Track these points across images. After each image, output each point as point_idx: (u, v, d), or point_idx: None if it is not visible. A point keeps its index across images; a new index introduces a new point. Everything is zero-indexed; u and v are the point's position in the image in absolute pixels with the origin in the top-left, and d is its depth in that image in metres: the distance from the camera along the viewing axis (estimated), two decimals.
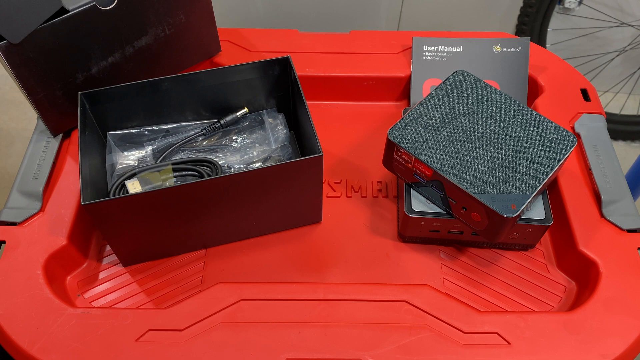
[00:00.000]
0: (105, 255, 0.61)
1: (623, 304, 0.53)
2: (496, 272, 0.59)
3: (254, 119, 0.66)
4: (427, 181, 0.56)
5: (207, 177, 0.52)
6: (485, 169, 0.54)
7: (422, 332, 0.52)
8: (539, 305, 0.57)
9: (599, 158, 0.64)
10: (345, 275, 0.58)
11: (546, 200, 0.58)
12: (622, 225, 0.58)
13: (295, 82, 0.60)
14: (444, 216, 0.57)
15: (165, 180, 0.57)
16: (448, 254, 0.61)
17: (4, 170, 1.50)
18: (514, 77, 0.72)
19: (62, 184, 0.62)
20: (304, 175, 0.55)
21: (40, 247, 0.56)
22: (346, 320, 0.53)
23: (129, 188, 0.57)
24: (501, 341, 0.51)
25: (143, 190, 0.55)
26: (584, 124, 0.68)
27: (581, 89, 0.72)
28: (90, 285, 0.58)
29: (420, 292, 0.55)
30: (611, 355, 0.50)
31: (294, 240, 0.61)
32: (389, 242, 0.61)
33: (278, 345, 0.51)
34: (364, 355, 0.50)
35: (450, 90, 0.61)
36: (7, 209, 0.59)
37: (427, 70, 0.74)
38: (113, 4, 0.60)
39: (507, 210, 0.51)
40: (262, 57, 0.75)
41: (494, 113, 0.59)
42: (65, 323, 0.51)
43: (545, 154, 0.55)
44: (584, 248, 0.57)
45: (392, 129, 0.57)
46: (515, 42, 0.73)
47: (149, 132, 0.64)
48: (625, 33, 1.54)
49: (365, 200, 0.65)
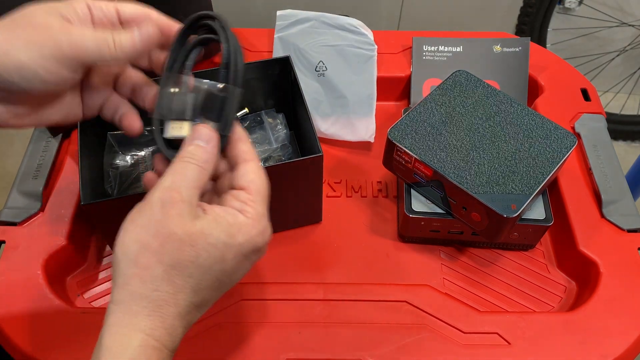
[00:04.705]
0: (105, 255, 0.61)
1: (623, 304, 0.53)
2: (496, 272, 0.59)
3: (254, 119, 0.66)
4: (427, 181, 0.56)
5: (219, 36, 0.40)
6: (485, 169, 0.54)
7: (422, 332, 0.52)
8: (539, 305, 0.57)
9: (599, 158, 0.64)
10: (345, 275, 0.58)
11: (546, 200, 0.58)
12: (622, 225, 0.58)
13: (295, 82, 0.60)
14: (444, 216, 0.57)
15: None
16: (448, 254, 0.61)
17: (4, 170, 1.50)
18: (514, 77, 0.72)
19: (62, 184, 0.62)
20: (304, 175, 0.55)
21: (40, 247, 0.56)
22: (346, 320, 0.53)
23: (175, 133, 0.41)
24: (501, 341, 0.51)
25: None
26: (584, 124, 0.68)
27: (581, 88, 0.72)
28: (90, 286, 0.58)
29: (420, 292, 0.55)
30: (611, 355, 0.50)
31: (294, 240, 0.61)
32: (389, 242, 0.61)
33: (278, 345, 0.51)
34: (364, 355, 0.50)
35: (450, 90, 0.61)
36: (7, 209, 0.59)
37: (427, 70, 0.74)
38: None
39: (507, 210, 0.51)
40: (262, 57, 0.75)
41: (494, 113, 0.58)
42: (65, 323, 0.51)
43: (545, 154, 0.55)
44: (584, 248, 0.57)
45: (392, 129, 0.57)
46: (516, 42, 0.73)
47: (148, 133, 0.64)
48: (625, 33, 1.54)
49: (365, 200, 0.65)
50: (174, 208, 0.34)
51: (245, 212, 0.36)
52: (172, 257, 0.34)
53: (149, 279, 0.33)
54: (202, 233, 0.34)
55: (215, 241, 0.35)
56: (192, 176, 0.36)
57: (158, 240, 0.34)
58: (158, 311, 0.33)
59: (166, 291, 0.34)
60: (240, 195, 0.37)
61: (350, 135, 0.69)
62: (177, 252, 0.34)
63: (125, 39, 0.39)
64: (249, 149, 0.40)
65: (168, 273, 0.34)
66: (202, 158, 0.37)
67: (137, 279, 0.33)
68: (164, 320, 0.34)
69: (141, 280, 0.33)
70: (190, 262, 0.34)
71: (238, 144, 0.40)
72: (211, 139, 0.38)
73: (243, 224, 0.36)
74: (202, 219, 0.35)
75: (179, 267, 0.34)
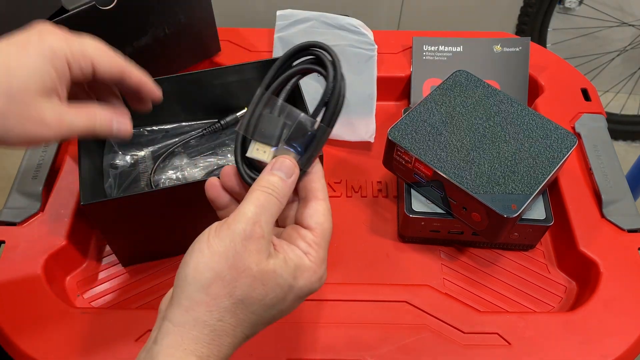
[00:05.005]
0: (105, 255, 0.61)
1: (623, 304, 0.53)
2: (496, 273, 0.59)
3: None
4: (427, 181, 0.56)
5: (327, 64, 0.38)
6: (485, 169, 0.54)
7: (422, 333, 0.52)
8: (539, 305, 0.57)
9: (600, 158, 0.64)
10: (345, 275, 0.58)
11: (546, 200, 0.58)
12: (622, 225, 0.58)
13: None
14: (444, 216, 0.57)
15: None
16: (448, 254, 0.61)
17: (4, 170, 1.50)
18: (514, 77, 0.72)
19: (62, 184, 0.62)
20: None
21: (39, 247, 0.56)
22: (346, 320, 0.53)
23: (258, 156, 0.39)
24: (501, 341, 0.51)
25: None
26: (584, 124, 0.68)
27: (581, 88, 0.72)
28: (90, 286, 0.58)
29: (421, 292, 0.55)
30: (611, 355, 0.50)
31: None
32: (389, 242, 0.61)
33: (278, 345, 0.51)
34: (364, 355, 0.50)
35: (451, 90, 0.61)
36: (7, 209, 0.59)
37: (427, 70, 0.74)
38: (113, 3, 0.60)
39: (507, 210, 0.51)
40: (262, 57, 0.75)
41: (494, 113, 0.58)
42: (65, 323, 0.51)
43: (545, 154, 0.55)
44: (585, 248, 0.57)
45: (392, 129, 0.57)
46: (516, 41, 0.73)
47: (148, 133, 0.64)
48: (625, 33, 1.54)
49: (365, 200, 0.65)
50: (255, 243, 0.34)
51: (310, 255, 0.36)
52: (243, 292, 0.34)
53: (215, 309, 0.33)
54: (274, 272, 0.34)
55: (283, 282, 0.35)
56: (273, 211, 0.36)
57: (233, 273, 0.34)
58: (217, 340, 0.34)
59: (229, 323, 0.34)
60: (307, 236, 0.37)
61: (350, 135, 0.69)
62: (249, 289, 0.34)
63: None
64: (322, 188, 0.39)
65: (235, 306, 0.34)
66: (282, 192, 0.37)
67: (204, 307, 0.33)
68: (220, 350, 0.34)
69: (208, 309, 0.33)
70: (258, 300, 0.34)
71: (314, 180, 0.39)
72: (293, 174, 0.37)
73: (306, 268, 0.36)
74: (274, 257, 0.35)
75: (247, 302, 0.34)
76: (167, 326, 0.34)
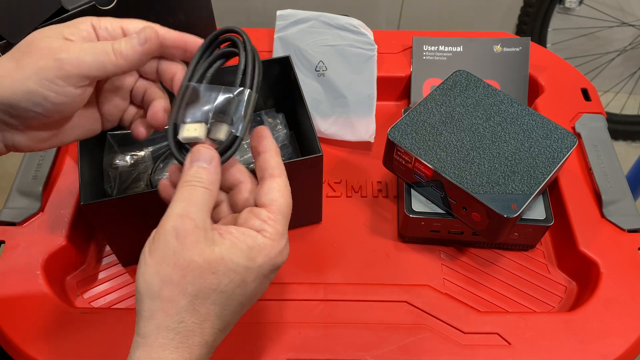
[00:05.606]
0: (105, 255, 0.61)
1: (623, 304, 0.53)
2: (496, 273, 0.59)
3: (254, 119, 0.66)
4: (427, 181, 0.56)
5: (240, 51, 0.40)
6: (485, 169, 0.54)
7: (422, 333, 0.52)
8: (539, 305, 0.57)
9: (600, 158, 0.64)
10: (345, 275, 0.58)
11: (546, 200, 0.57)
12: (622, 225, 0.58)
13: (295, 82, 0.60)
14: (444, 216, 0.57)
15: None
16: (448, 254, 0.61)
17: (4, 170, 1.50)
18: (515, 77, 0.72)
19: (62, 184, 0.62)
20: (304, 175, 0.55)
21: (39, 247, 0.56)
22: (346, 321, 0.53)
23: (190, 134, 0.39)
24: (501, 341, 0.51)
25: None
26: (584, 124, 0.68)
27: (582, 88, 0.72)
28: (90, 286, 0.58)
29: (421, 293, 0.55)
30: (612, 355, 0.50)
31: (294, 240, 0.61)
32: (389, 242, 0.61)
33: (278, 345, 0.51)
34: (364, 355, 0.50)
35: (451, 90, 0.61)
36: (7, 209, 0.59)
37: (427, 70, 0.74)
38: (112, 3, 0.60)
39: (507, 210, 0.51)
40: (261, 57, 0.75)
41: (494, 113, 0.58)
42: (65, 323, 0.51)
43: (545, 154, 0.55)
44: (585, 248, 0.57)
45: (392, 129, 0.57)
46: (516, 41, 0.73)
47: None
48: (625, 33, 1.54)
49: (365, 200, 0.65)
50: (190, 236, 0.34)
51: (265, 231, 0.36)
52: (195, 287, 0.34)
53: (173, 311, 0.33)
54: (222, 259, 0.34)
55: (235, 266, 0.34)
56: (202, 200, 0.36)
57: (178, 272, 0.33)
58: (185, 342, 0.33)
59: (192, 322, 0.34)
60: (261, 214, 0.37)
61: (350, 135, 0.69)
62: (199, 281, 0.34)
63: (125, 45, 0.39)
64: (277, 165, 0.39)
65: (192, 303, 0.34)
66: (208, 179, 0.36)
67: (161, 313, 0.33)
68: (192, 351, 0.34)
69: (166, 314, 0.33)
70: (213, 289, 0.34)
71: (267, 158, 0.39)
72: (212, 158, 0.37)
73: (262, 245, 0.36)
74: (219, 244, 0.35)
75: (202, 295, 0.34)
76: (136, 340, 0.34)
